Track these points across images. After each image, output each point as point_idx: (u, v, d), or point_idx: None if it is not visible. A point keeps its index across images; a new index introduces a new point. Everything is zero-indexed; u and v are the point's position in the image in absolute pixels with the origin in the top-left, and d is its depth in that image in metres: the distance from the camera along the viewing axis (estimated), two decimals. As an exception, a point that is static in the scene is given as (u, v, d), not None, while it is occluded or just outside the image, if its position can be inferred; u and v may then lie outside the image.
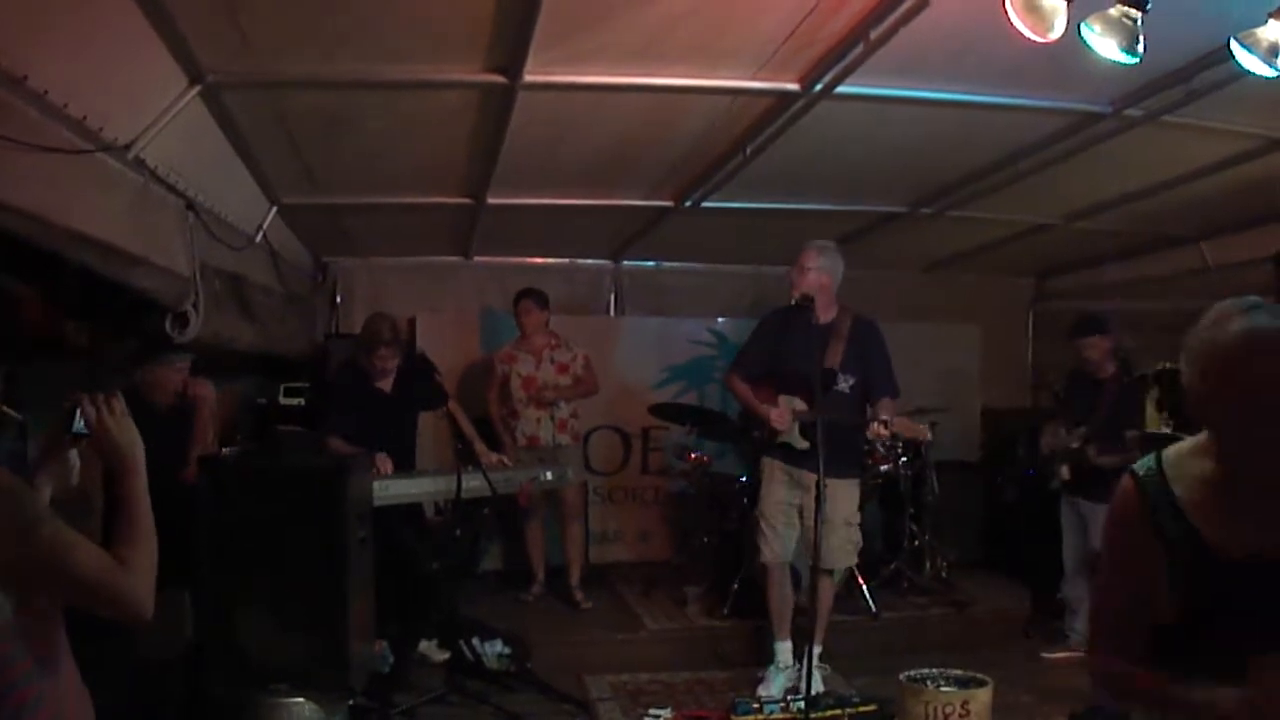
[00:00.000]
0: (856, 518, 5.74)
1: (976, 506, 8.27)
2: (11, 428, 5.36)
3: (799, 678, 5.55)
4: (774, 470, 5.67)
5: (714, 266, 8.78)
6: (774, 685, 5.57)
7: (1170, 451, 2.12)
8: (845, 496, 5.57)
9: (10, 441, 5.94)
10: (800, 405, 5.54)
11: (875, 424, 5.54)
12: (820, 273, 5.51)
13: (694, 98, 4.64)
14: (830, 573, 5.63)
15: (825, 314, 5.51)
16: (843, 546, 5.66)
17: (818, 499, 4.86)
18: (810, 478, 5.35)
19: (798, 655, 5.64)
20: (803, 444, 5.52)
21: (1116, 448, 5.77)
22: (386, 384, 6.12)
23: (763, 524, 5.67)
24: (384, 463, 5.68)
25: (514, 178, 5.75)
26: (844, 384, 5.52)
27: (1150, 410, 6.19)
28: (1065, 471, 6.26)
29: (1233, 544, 1.96)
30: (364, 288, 8.46)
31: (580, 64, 4.17)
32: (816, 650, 5.18)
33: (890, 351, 5.78)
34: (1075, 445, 6.12)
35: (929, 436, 5.65)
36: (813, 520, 5.02)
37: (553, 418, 7.15)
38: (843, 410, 5.44)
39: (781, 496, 5.63)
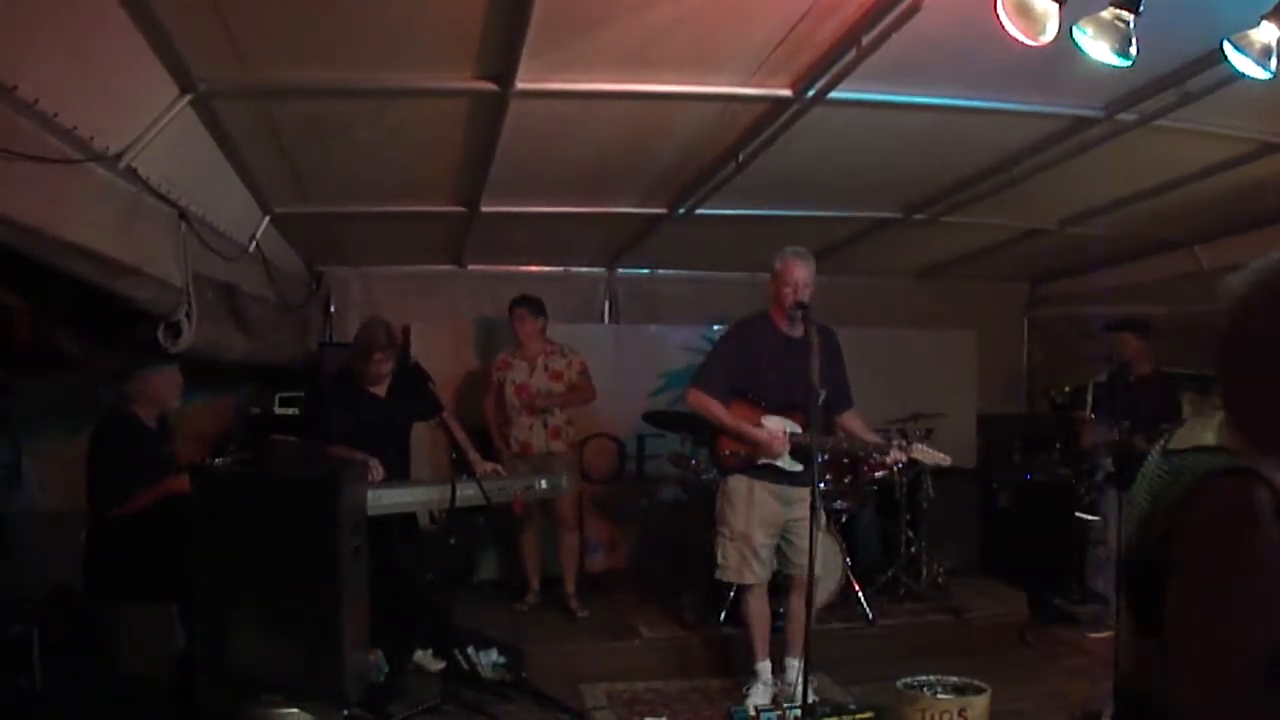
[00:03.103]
0: None
1: (973, 513, 8.25)
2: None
3: (781, 689, 5.55)
4: (754, 490, 5.46)
5: (708, 274, 8.79)
6: (758, 698, 5.53)
7: (1216, 446, 1.78)
8: (821, 507, 5.49)
9: (4, 453, 5.96)
10: (792, 427, 5.43)
11: (894, 450, 5.49)
12: (814, 285, 5.41)
13: (687, 104, 4.64)
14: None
15: (797, 327, 5.38)
16: (828, 556, 5.63)
17: (813, 510, 4.82)
18: (798, 493, 5.33)
19: (776, 670, 5.63)
20: (795, 467, 5.41)
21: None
22: (380, 390, 6.10)
23: (744, 546, 5.47)
24: (375, 468, 5.66)
25: (507, 185, 5.74)
26: (821, 399, 5.32)
27: (1186, 409, 6.29)
28: (1110, 464, 6.45)
29: None
30: (358, 296, 8.46)
31: (572, 71, 4.17)
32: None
33: (879, 359, 5.73)
34: (1120, 437, 6.19)
35: (948, 461, 5.55)
36: (805, 532, 4.97)
37: (545, 424, 7.15)
38: (822, 426, 5.28)
39: (768, 517, 5.46)
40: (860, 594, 6.74)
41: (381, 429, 6.01)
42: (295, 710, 4.36)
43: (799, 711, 4.92)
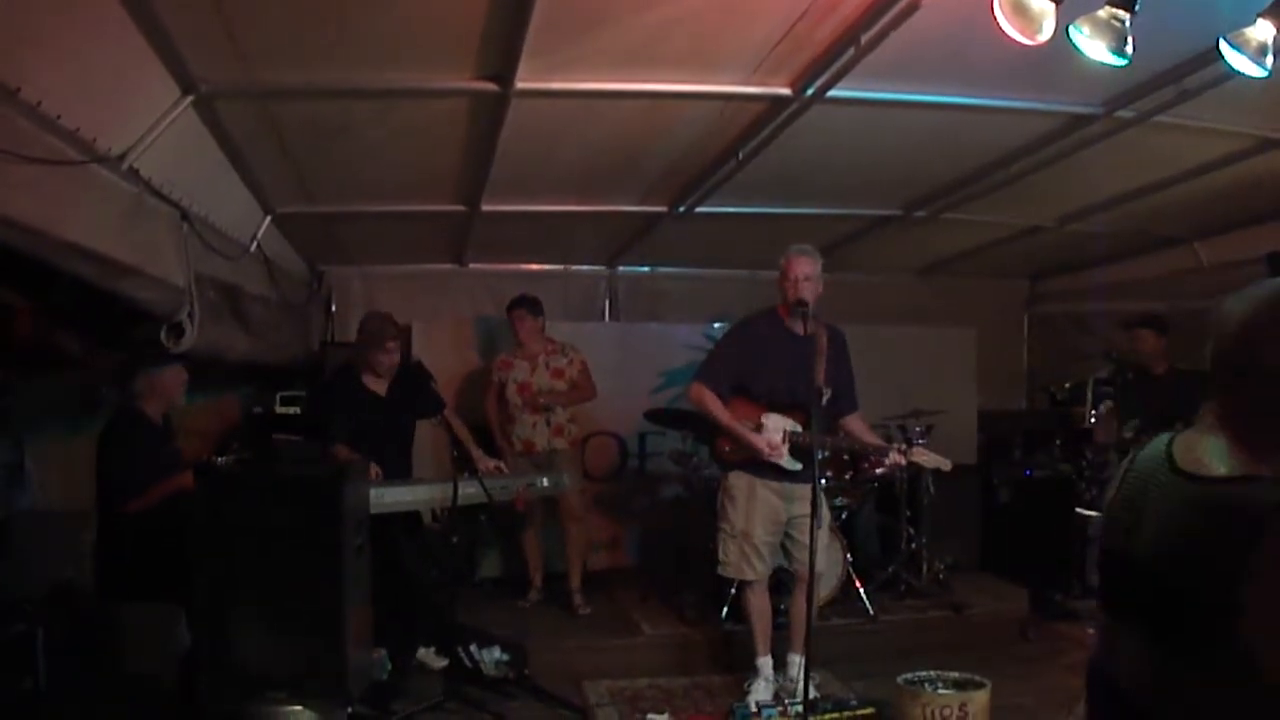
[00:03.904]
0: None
1: (973, 509, 8.27)
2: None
3: (783, 685, 5.58)
4: (755, 487, 5.47)
5: (709, 271, 8.80)
6: (760, 694, 5.54)
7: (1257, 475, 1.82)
8: (825, 502, 5.51)
9: (6, 452, 5.97)
10: (792, 425, 5.43)
11: (894, 454, 5.49)
12: (820, 281, 5.35)
13: (687, 103, 4.65)
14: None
15: (805, 324, 5.36)
16: (831, 552, 5.64)
17: (814, 507, 4.83)
18: (800, 490, 5.31)
19: (778, 666, 5.66)
20: (795, 466, 5.41)
21: None
22: (382, 387, 6.12)
23: (745, 543, 5.48)
24: (372, 470, 5.68)
25: (508, 185, 5.76)
26: (825, 399, 5.35)
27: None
28: (1118, 461, 6.47)
29: None
30: (359, 296, 8.47)
31: (572, 70, 4.18)
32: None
33: (880, 356, 5.71)
34: (1130, 435, 6.18)
35: (949, 466, 5.53)
36: (806, 530, 4.98)
37: (548, 423, 7.16)
38: (823, 425, 5.28)
39: (769, 514, 5.47)
40: (861, 590, 6.76)
41: (384, 427, 6.03)
42: (299, 708, 4.37)
43: (800, 707, 4.94)
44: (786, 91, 4.43)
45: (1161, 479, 1.94)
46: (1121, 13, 3.15)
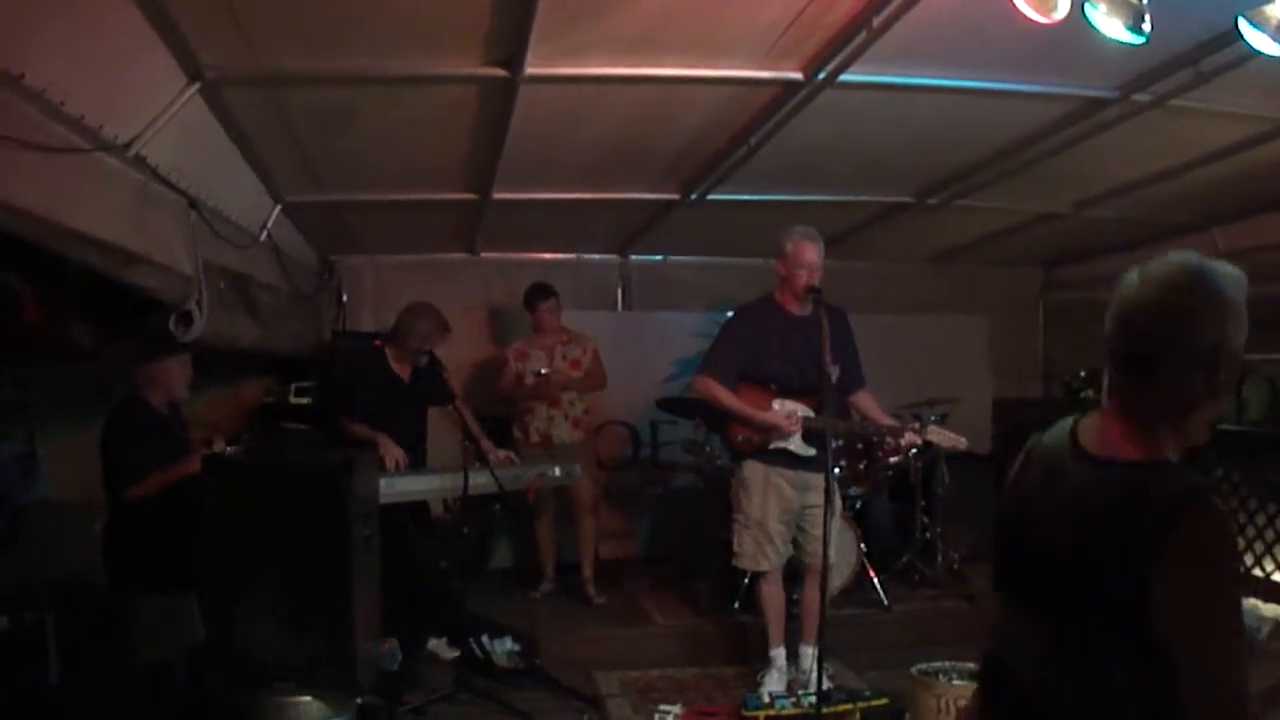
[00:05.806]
0: None
1: (988, 498, 8.18)
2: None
3: (795, 677, 5.56)
4: (769, 475, 5.44)
5: (721, 259, 8.74)
6: (773, 685, 5.51)
7: (1167, 461, 1.91)
8: (836, 492, 5.47)
9: (18, 443, 5.97)
10: (804, 410, 5.40)
11: (909, 433, 5.45)
12: (823, 266, 5.34)
13: (697, 88, 4.61)
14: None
15: (806, 308, 5.31)
16: (844, 542, 5.60)
17: (827, 496, 4.80)
18: (813, 479, 5.30)
19: (790, 657, 5.63)
20: (809, 452, 5.38)
21: None
22: (405, 372, 6.20)
23: (758, 532, 5.45)
24: (392, 451, 5.69)
25: (518, 172, 5.73)
26: (832, 380, 5.33)
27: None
28: None
29: None
30: (370, 285, 8.46)
31: (581, 55, 4.14)
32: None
33: (893, 345, 5.66)
34: None
35: (964, 444, 5.52)
36: (820, 520, 4.96)
37: (566, 416, 7.16)
38: (835, 408, 5.27)
39: (784, 505, 5.44)
40: (875, 580, 6.73)
41: (402, 411, 6.12)
42: (308, 699, 4.35)
43: (814, 698, 4.92)
44: (798, 76, 4.39)
45: (1068, 465, 1.93)
46: (1138, -11, 3.10)
